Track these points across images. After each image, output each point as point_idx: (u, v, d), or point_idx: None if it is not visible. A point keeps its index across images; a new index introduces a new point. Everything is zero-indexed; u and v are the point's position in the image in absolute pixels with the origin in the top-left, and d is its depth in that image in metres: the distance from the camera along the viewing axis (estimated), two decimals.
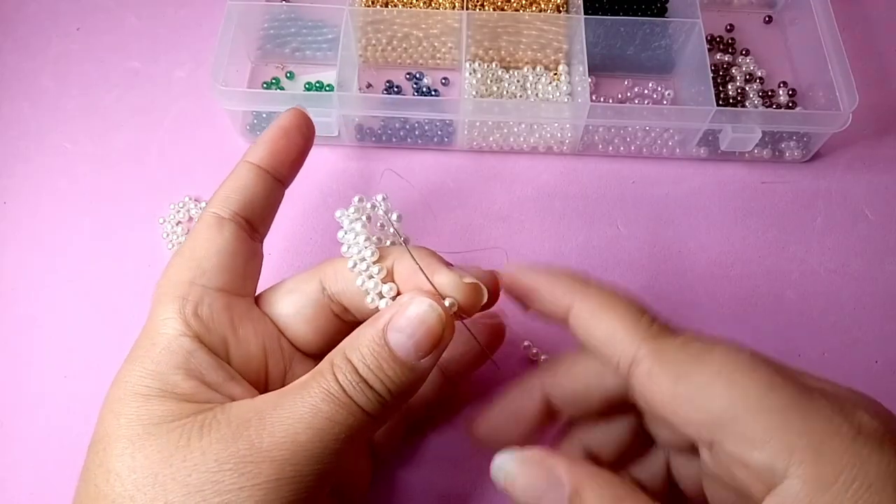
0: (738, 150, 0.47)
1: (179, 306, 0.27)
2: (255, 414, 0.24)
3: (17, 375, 0.40)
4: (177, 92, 0.50)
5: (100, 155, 0.48)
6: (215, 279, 0.28)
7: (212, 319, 0.27)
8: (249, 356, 0.28)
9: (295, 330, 0.30)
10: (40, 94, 0.50)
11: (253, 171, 0.30)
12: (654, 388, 0.24)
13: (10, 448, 0.38)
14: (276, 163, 0.31)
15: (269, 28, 0.50)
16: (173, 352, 0.26)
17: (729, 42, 0.53)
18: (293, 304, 0.30)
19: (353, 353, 0.25)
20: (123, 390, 0.26)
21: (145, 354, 0.26)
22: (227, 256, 0.29)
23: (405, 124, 0.47)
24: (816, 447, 0.20)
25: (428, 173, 0.47)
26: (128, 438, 0.24)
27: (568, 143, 0.48)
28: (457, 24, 0.48)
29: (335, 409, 0.24)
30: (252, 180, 0.30)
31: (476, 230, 0.45)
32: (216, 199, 0.30)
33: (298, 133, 0.31)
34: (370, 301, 0.28)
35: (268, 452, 0.23)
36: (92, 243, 0.44)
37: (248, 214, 0.30)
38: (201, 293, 0.27)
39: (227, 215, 0.29)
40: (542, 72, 0.50)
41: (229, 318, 0.28)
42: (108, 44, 0.53)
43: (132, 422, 0.25)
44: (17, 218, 0.45)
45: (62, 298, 0.42)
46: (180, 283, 0.28)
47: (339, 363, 0.25)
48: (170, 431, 0.24)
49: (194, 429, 0.24)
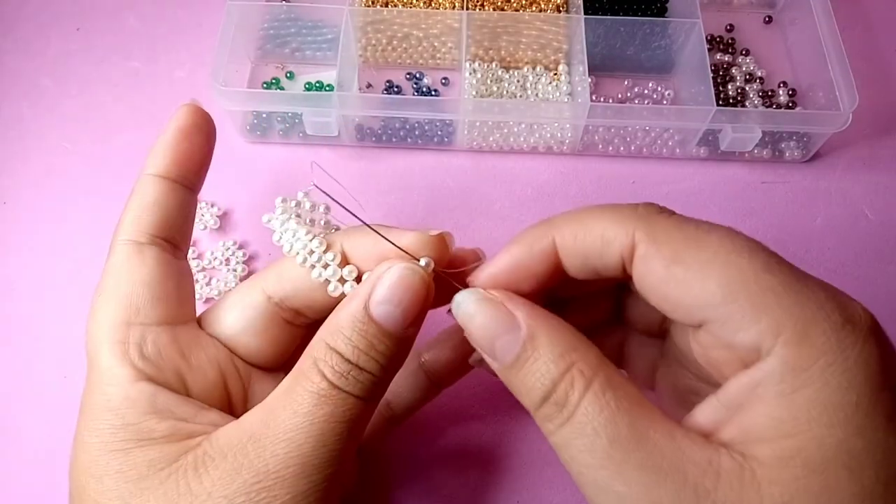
0: (738, 150, 0.47)
1: (121, 352, 0.25)
2: (248, 438, 0.23)
3: (17, 375, 0.40)
4: (177, 92, 0.50)
5: (100, 155, 0.48)
6: (151, 314, 0.26)
7: (160, 357, 0.25)
8: (208, 384, 0.26)
9: (246, 346, 0.28)
10: (40, 94, 0.50)
11: (159, 184, 0.28)
12: (647, 270, 0.23)
13: (10, 448, 0.38)
14: (183, 170, 0.28)
15: (268, 28, 0.50)
16: (135, 399, 0.24)
17: (729, 42, 0.53)
18: (239, 320, 0.28)
19: (336, 339, 0.24)
20: (97, 450, 0.24)
21: (104, 409, 0.24)
22: (157, 286, 0.26)
23: (405, 124, 0.47)
24: (802, 330, 0.20)
25: (428, 173, 0.47)
26: (120, 499, 0.23)
27: (568, 143, 0.48)
28: (457, 24, 0.48)
29: (331, 408, 0.23)
30: (161, 194, 0.27)
31: (476, 230, 0.45)
32: (126, 223, 0.27)
33: (199, 132, 0.29)
34: (332, 289, 0.26)
35: (276, 474, 0.22)
36: (92, 243, 0.44)
37: (166, 233, 0.27)
38: (141, 332, 0.25)
39: (145, 239, 0.27)
40: (542, 72, 0.50)
41: (178, 351, 0.26)
42: (108, 44, 0.53)
43: (119, 481, 0.23)
44: (17, 218, 0.45)
45: (62, 298, 0.42)
46: (115, 327, 0.25)
47: (323, 355, 0.24)
48: (164, 481, 0.22)
49: (189, 471, 0.23)
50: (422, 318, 0.25)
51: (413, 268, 0.25)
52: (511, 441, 0.38)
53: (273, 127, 0.48)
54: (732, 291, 0.21)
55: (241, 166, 0.47)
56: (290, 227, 0.27)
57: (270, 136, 0.48)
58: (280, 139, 0.48)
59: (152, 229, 0.27)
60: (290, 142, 0.48)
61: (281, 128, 0.48)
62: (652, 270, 0.23)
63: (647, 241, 0.23)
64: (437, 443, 0.38)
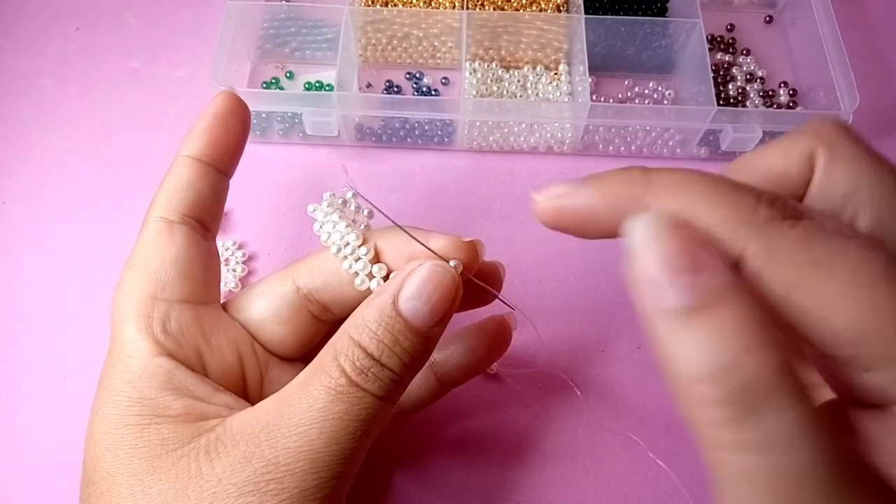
0: (739, 151, 0.47)
1: (146, 325, 0.25)
2: (261, 428, 0.23)
3: (16, 375, 0.40)
4: (177, 92, 0.50)
5: (100, 155, 0.48)
6: (177, 291, 0.26)
7: (182, 334, 0.26)
8: (226, 366, 0.27)
9: (269, 333, 0.28)
10: (40, 94, 0.50)
11: (194, 166, 0.28)
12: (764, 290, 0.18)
13: (9, 448, 0.38)
14: (217, 153, 0.29)
15: (268, 28, 0.50)
16: (153, 373, 0.24)
17: (729, 42, 0.53)
18: (266, 307, 0.28)
19: (360, 332, 0.23)
20: (112, 423, 0.24)
21: (123, 381, 0.24)
22: (184, 264, 0.26)
23: (405, 124, 0.47)
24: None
25: (428, 173, 0.47)
26: (133, 475, 0.23)
27: (568, 143, 0.47)
28: (457, 23, 0.48)
29: (346, 406, 0.23)
30: (195, 176, 0.28)
31: (476, 230, 0.45)
32: (159, 201, 0.28)
33: (235, 118, 0.29)
34: (360, 283, 0.27)
35: (286, 466, 0.22)
36: (92, 243, 0.44)
37: (197, 214, 0.28)
38: (166, 308, 0.26)
39: (176, 218, 0.27)
40: (543, 71, 0.50)
41: (200, 330, 0.26)
42: (107, 44, 0.52)
43: (133, 456, 0.23)
44: (17, 218, 0.45)
45: (62, 298, 0.42)
46: (141, 301, 0.26)
47: (345, 349, 0.23)
48: (176, 462, 0.23)
49: (201, 454, 0.23)
50: (448, 319, 0.25)
51: (444, 266, 0.25)
52: (512, 441, 0.38)
53: (273, 127, 0.48)
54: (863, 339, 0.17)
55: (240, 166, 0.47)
56: (332, 218, 0.28)
57: (270, 135, 0.48)
58: (280, 139, 0.48)
59: (184, 208, 0.27)
60: (290, 141, 0.48)
61: (280, 127, 0.48)
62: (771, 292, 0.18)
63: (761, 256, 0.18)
64: (439, 441, 0.38)
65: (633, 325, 0.41)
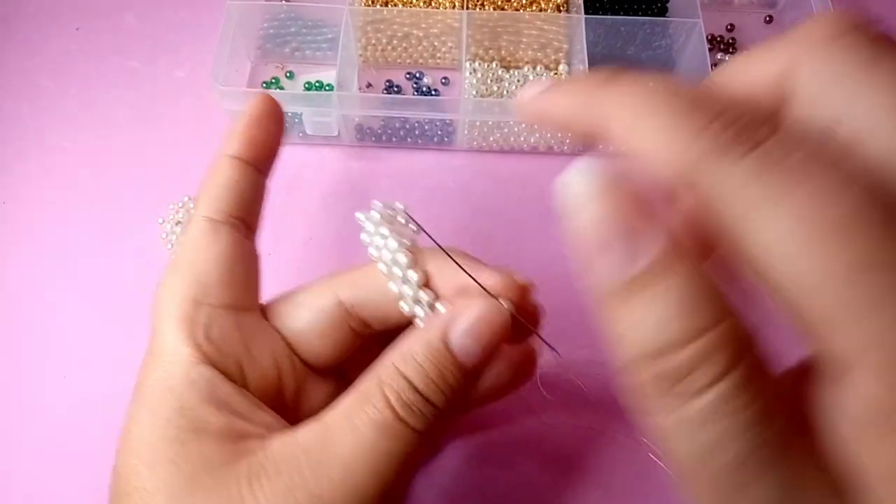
0: None
1: (189, 330, 0.24)
2: (305, 457, 0.22)
3: (16, 375, 0.40)
4: (177, 92, 0.50)
5: (100, 155, 0.47)
6: (221, 295, 0.26)
7: (224, 342, 0.25)
8: (264, 378, 0.26)
9: (308, 346, 0.28)
10: (40, 93, 0.50)
11: (236, 165, 0.28)
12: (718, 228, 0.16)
13: (9, 448, 0.38)
14: (256, 153, 0.29)
15: (268, 28, 0.50)
16: (194, 382, 0.23)
17: (729, 42, 0.53)
18: (306, 319, 0.27)
19: (407, 365, 0.23)
20: (150, 433, 0.23)
21: (164, 388, 0.23)
22: (229, 267, 0.26)
23: (405, 124, 0.47)
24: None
25: (428, 173, 0.47)
26: (171, 495, 0.22)
27: (568, 143, 0.47)
28: (457, 23, 0.48)
29: (392, 442, 0.22)
30: (238, 174, 0.28)
31: (476, 230, 0.45)
32: (205, 200, 0.27)
33: (271, 120, 0.30)
34: (405, 307, 0.26)
35: (331, 500, 0.21)
36: (91, 243, 0.44)
37: (240, 213, 0.28)
38: (209, 313, 0.25)
39: (222, 218, 0.27)
40: (543, 71, 0.50)
41: (241, 339, 0.25)
42: (107, 44, 0.52)
43: (172, 473, 0.22)
44: (17, 218, 0.45)
45: (61, 298, 0.42)
46: (184, 303, 0.25)
47: (390, 380, 0.23)
48: (217, 485, 0.22)
49: (242, 479, 0.22)
50: (493, 357, 0.24)
51: (498, 307, 0.24)
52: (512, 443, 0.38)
53: None
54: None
55: None
56: (382, 231, 0.27)
57: None
58: None
59: (228, 208, 0.27)
60: (290, 141, 0.48)
61: None
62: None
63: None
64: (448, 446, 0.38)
65: None
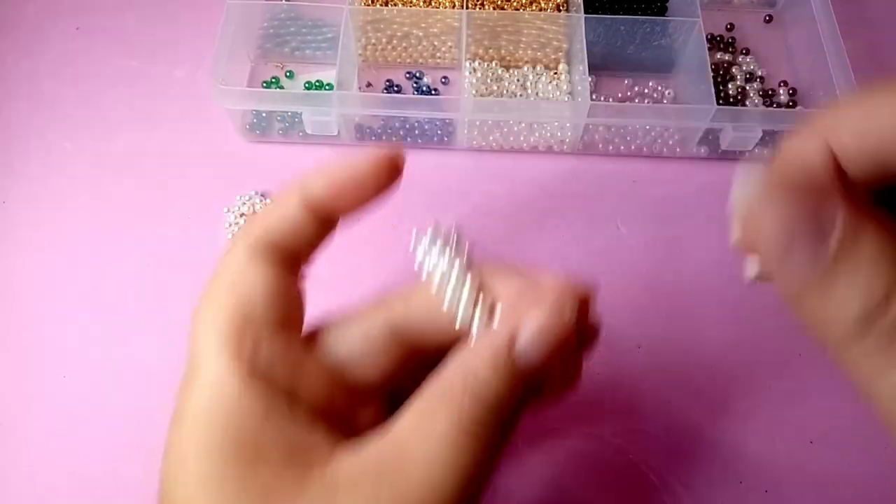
0: (738, 150, 0.47)
1: (237, 350, 0.23)
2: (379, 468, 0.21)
3: (17, 375, 0.40)
4: (177, 92, 0.50)
5: (100, 155, 0.48)
6: (269, 317, 0.24)
7: (274, 366, 0.24)
8: (316, 399, 0.25)
9: (358, 370, 0.27)
10: (40, 94, 0.50)
11: (306, 213, 0.26)
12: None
13: (9, 448, 0.38)
14: (336, 210, 0.26)
15: (268, 27, 0.50)
16: (249, 408, 0.22)
17: (729, 41, 0.53)
18: (358, 344, 0.26)
19: (474, 381, 0.22)
20: (209, 464, 0.21)
21: (218, 414, 0.22)
22: (273, 296, 0.25)
23: (405, 123, 0.47)
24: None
25: (428, 173, 0.47)
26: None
27: (568, 143, 0.48)
28: (457, 22, 0.48)
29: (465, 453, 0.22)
30: (302, 221, 0.26)
31: (476, 230, 0.45)
32: (256, 229, 0.26)
33: (374, 187, 0.27)
34: (460, 324, 0.25)
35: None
36: (91, 243, 0.44)
37: (290, 255, 0.26)
38: (256, 337, 0.24)
39: (270, 258, 0.25)
40: (543, 71, 0.50)
41: (291, 362, 0.24)
42: (107, 44, 0.53)
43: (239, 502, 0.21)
44: (17, 218, 0.45)
45: (62, 298, 0.42)
46: (230, 322, 0.23)
47: (459, 393, 0.22)
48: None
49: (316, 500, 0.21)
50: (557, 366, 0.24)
51: (561, 315, 0.23)
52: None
53: (273, 126, 0.48)
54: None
55: (240, 165, 0.47)
56: (434, 251, 0.26)
57: (270, 135, 0.48)
58: (280, 138, 0.48)
59: (281, 253, 0.26)
60: (290, 141, 0.48)
61: (280, 127, 0.48)
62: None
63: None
64: None
65: (633, 323, 0.41)
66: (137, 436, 0.36)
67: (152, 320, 0.41)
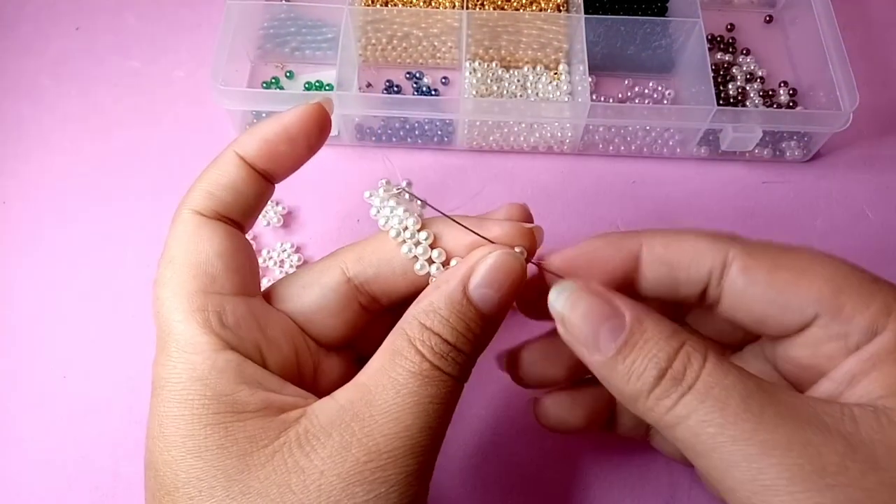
0: (738, 150, 0.47)
1: (202, 319, 0.24)
2: (351, 417, 0.22)
3: (17, 375, 0.40)
4: (177, 92, 0.50)
5: (100, 155, 0.48)
6: (227, 284, 0.25)
7: (240, 327, 0.24)
8: (284, 358, 0.26)
9: (319, 325, 0.27)
10: (40, 94, 0.50)
11: (242, 170, 0.27)
12: (748, 281, 0.25)
13: (9, 448, 0.38)
14: (271, 167, 0.27)
15: (268, 28, 0.50)
16: (223, 369, 0.23)
17: (729, 41, 0.53)
18: (316, 299, 0.27)
19: (432, 319, 0.24)
20: (190, 424, 0.22)
21: (192, 379, 0.23)
22: (229, 257, 0.25)
23: (405, 124, 0.47)
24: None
25: (428, 173, 0.47)
26: (227, 477, 0.22)
27: (568, 143, 0.47)
28: (457, 23, 0.48)
29: (434, 389, 0.23)
30: (241, 180, 0.27)
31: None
32: (198, 195, 0.26)
33: (305, 142, 0.27)
34: (419, 268, 0.27)
35: (388, 453, 0.22)
36: (91, 243, 0.44)
37: (235, 216, 0.27)
38: (219, 301, 0.24)
39: (213, 216, 0.26)
40: (543, 71, 0.50)
41: (255, 323, 0.25)
42: (107, 44, 0.53)
43: (223, 457, 0.22)
44: (17, 218, 0.45)
45: (62, 298, 0.42)
46: (191, 295, 0.24)
47: (419, 335, 0.23)
48: (271, 458, 0.22)
49: (294, 448, 0.22)
50: (511, 303, 0.25)
51: (513, 254, 0.25)
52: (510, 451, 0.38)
53: None
54: (839, 285, 0.24)
55: None
56: (389, 204, 0.28)
57: None
58: None
59: (222, 209, 0.26)
60: None
61: None
62: (755, 280, 0.25)
63: (744, 255, 0.26)
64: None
65: None
66: (137, 436, 0.36)
67: (152, 320, 0.41)
